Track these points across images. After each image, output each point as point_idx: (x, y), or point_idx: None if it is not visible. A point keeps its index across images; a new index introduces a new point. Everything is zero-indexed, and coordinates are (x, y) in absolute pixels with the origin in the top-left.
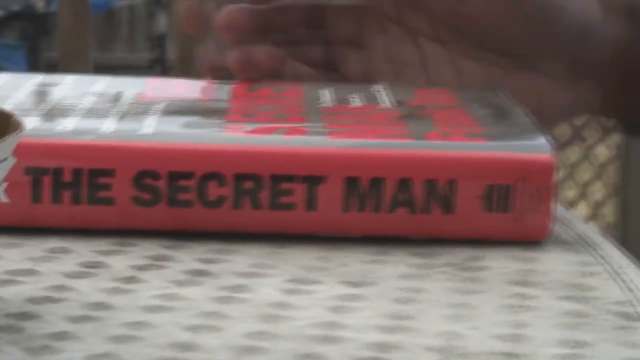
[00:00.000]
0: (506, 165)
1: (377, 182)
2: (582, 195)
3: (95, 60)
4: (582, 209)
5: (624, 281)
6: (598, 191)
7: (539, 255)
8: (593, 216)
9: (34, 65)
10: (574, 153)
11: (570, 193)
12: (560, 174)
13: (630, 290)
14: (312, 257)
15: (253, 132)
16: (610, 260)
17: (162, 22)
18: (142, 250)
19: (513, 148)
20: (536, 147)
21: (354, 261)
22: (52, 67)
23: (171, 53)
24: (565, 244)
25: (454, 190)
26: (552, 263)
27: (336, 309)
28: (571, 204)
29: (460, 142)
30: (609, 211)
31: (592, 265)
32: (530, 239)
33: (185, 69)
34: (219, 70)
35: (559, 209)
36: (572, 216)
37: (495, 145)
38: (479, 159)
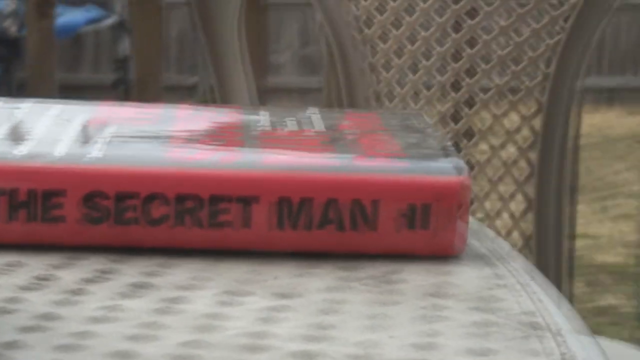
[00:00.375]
0: (423, 187)
1: (306, 202)
2: (503, 208)
3: (63, 80)
4: (504, 221)
5: (529, 293)
6: (518, 205)
7: (452, 269)
8: (513, 228)
9: (7, 85)
10: (496, 170)
11: (492, 205)
12: (484, 190)
13: (534, 301)
14: (246, 271)
15: (194, 155)
16: (518, 273)
17: (125, 45)
18: (91, 264)
19: (430, 171)
20: (450, 170)
21: (284, 274)
22: (22, 87)
23: (134, 74)
24: (477, 258)
25: (376, 210)
26: (465, 276)
27: (265, 320)
28: (493, 217)
29: (383, 165)
30: (526, 224)
31: (501, 278)
32: (446, 254)
33: (143, 89)
34: None
35: (473, 225)
36: (485, 231)
37: (414, 168)
38: (399, 181)
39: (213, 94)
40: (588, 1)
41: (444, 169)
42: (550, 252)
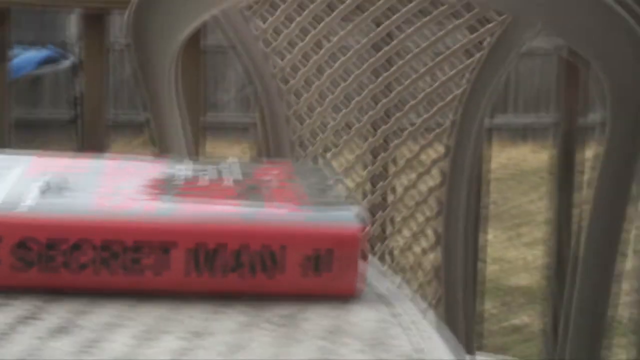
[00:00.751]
0: (327, 235)
1: (220, 248)
2: (415, 242)
3: (24, 116)
4: (415, 254)
5: (420, 331)
6: (425, 240)
7: (352, 309)
8: (423, 260)
9: None
10: (408, 208)
11: (401, 241)
12: (397, 226)
13: (424, 339)
14: (164, 311)
15: (118, 205)
16: (412, 313)
17: (82, 84)
18: (22, 305)
19: (333, 219)
20: (351, 219)
21: (198, 315)
22: None
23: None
24: (375, 298)
25: (284, 255)
26: (362, 316)
27: (179, 357)
28: (402, 251)
29: (290, 214)
30: (436, 256)
31: (396, 317)
32: (347, 295)
33: (93, 127)
34: None
35: (374, 267)
36: (385, 273)
37: (318, 216)
38: (304, 229)
39: None
40: (490, 56)
41: (346, 218)
42: (458, 280)
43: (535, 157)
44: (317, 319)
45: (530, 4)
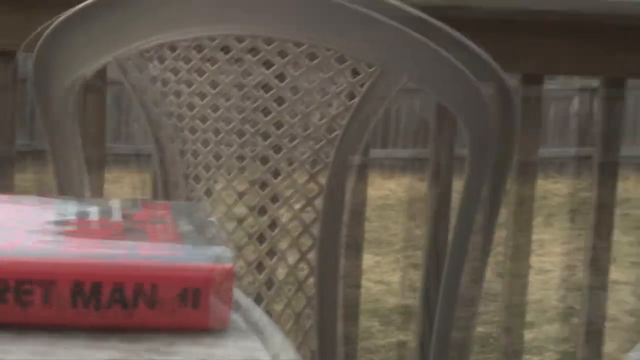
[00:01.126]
0: (195, 273)
1: (97, 285)
2: (291, 273)
3: None
4: (288, 286)
5: None
6: (302, 271)
7: (220, 342)
8: (297, 291)
9: None
10: (284, 243)
11: (280, 272)
12: (274, 259)
13: None
14: (44, 344)
15: (4, 244)
16: (273, 345)
17: None
18: None
19: (201, 258)
20: (220, 258)
21: (77, 347)
22: None
23: None
24: (240, 332)
25: (156, 291)
26: (228, 348)
27: None
28: (282, 283)
29: (162, 254)
30: (308, 287)
31: (259, 350)
32: (214, 328)
33: (4, 157)
34: None
35: (242, 301)
36: (251, 307)
37: (187, 256)
38: (174, 268)
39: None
40: (362, 102)
41: (214, 257)
42: (332, 306)
43: (415, 187)
44: (186, 351)
45: (396, 59)
